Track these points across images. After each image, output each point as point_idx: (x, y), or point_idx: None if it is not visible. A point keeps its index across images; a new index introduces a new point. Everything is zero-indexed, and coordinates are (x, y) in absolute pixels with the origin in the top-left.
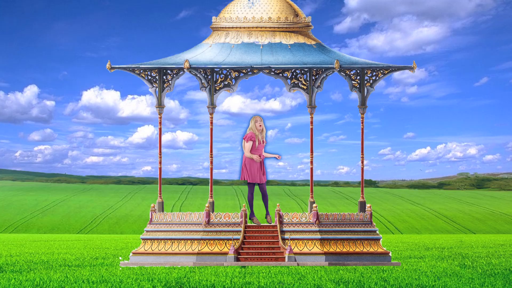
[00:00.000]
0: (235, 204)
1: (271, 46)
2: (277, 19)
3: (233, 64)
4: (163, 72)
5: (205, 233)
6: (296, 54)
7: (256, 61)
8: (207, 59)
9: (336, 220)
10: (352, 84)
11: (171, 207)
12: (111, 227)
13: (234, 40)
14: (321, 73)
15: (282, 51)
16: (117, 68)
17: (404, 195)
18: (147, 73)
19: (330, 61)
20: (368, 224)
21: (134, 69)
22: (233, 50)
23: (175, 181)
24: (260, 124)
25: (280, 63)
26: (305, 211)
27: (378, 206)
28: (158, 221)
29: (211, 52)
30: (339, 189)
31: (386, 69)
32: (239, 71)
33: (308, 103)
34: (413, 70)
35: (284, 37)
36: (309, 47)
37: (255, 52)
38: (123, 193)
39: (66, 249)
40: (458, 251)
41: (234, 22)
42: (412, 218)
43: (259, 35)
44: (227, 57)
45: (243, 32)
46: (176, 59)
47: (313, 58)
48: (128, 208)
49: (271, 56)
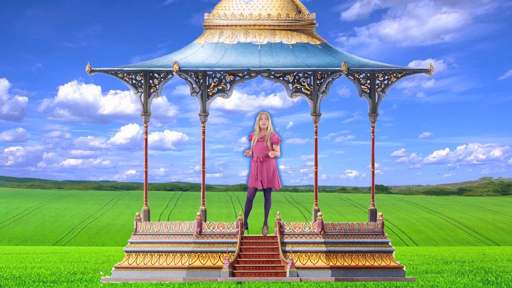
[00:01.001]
0: (230, 212)
1: (271, 46)
2: (277, 16)
3: (228, 67)
4: (149, 75)
5: (196, 245)
6: (299, 56)
7: (253, 63)
8: (198, 61)
9: (344, 230)
10: (361, 89)
11: (158, 216)
12: (91, 238)
13: (229, 39)
14: (327, 77)
15: (282, 52)
16: (97, 71)
17: (419, 202)
18: (131, 76)
19: (337, 63)
20: (380, 235)
21: (116, 72)
22: (228, 51)
23: (162, 187)
24: (264, 122)
25: (281, 66)
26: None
27: (390, 215)
28: (143, 232)
29: (203, 53)
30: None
31: (400, 72)
32: (234, 75)
33: (312, 110)
34: (430, 73)
35: (285, 36)
36: (313, 47)
37: (252, 53)
38: (104, 200)
39: (40, 263)
40: (480, 265)
41: (229, 19)
42: (428, 228)
43: (257, 34)
44: (221, 59)
45: (239, 31)
46: (164, 61)
47: (318, 60)
48: (110, 216)
49: (271, 57)
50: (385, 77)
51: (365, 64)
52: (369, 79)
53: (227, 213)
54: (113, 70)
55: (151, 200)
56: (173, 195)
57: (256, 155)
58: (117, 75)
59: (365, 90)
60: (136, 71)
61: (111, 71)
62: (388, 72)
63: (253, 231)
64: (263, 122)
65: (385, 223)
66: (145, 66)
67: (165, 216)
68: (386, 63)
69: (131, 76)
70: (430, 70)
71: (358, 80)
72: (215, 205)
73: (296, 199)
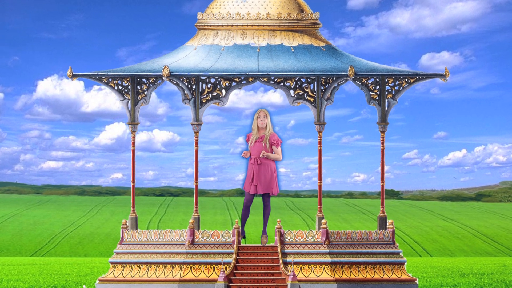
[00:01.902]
0: (226, 219)
1: (270, 48)
2: (277, 15)
3: (223, 71)
4: (136, 81)
5: (188, 256)
6: (301, 59)
7: (251, 67)
8: (191, 65)
9: (350, 239)
10: (369, 96)
11: (147, 224)
12: (72, 248)
13: (225, 41)
14: (332, 82)
15: (283, 55)
16: (80, 76)
17: (434, 208)
18: (117, 82)
19: (343, 67)
20: (390, 244)
21: (101, 78)
22: (223, 54)
23: (151, 192)
24: (262, 121)
25: (281, 70)
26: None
27: (402, 223)
28: (130, 241)
29: (196, 56)
30: (354, 201)
31: (412, 77)
32: (230, 80)
33: (315, 119)
34: (445, 78)
35: (286, 37)
36: (316, 50)
37: (250, 56)
38: (87, 206)
39: (17, 275)
40: (500, 277)
41: (224, 19)
42: (443, 237)
43: (256, 35)
44: (215, 63)
45: (236, 32)
46: (153, 65)
47: (322, 64)
48: (93, 224)
49: (270, 61)
50: (395, 83)
51: (373, 68)
52: (378, 85)
53: (222, 221)
54: (97, 75)
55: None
56: (163, 201)
57: (253, 157)
58: (102, 81)
59: (374, 96)
60: (122, 76)
61: (95, 75)
62: (399, 77)
63: (251, 240)
64: (262, 121)
65: (396, 231)
66: (132, 71)
67: (154, 224)
68: (396, 67)
69: (117, 81)
70: (445, 75)
71: (366, 85)
72: (209, 212)
73: (298, 205)
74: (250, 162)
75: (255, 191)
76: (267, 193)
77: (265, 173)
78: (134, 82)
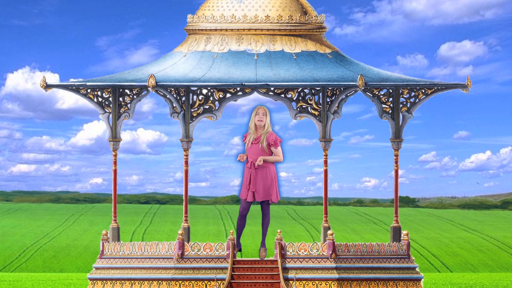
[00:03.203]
0: (219, 230)
1: (270, 55)
2: (277, 18)
3: (217, 81)
4: (119, 92)
5: (177, 271)
6: (304, 67)
7: (248, 77)
8: (180, 74)
9: (360, 252)
10: (382, 109)
11: (131, 235)
12: (46, 262)
13: (218, 47)
14: (339, 94)
15: (284, 63)
16: (54, 86)
17: (454, 218)
18: (96, 93)
19: (352, 77)
20: (405, 258)
21: (78, 88)
22: (216, 62)
23: (135, 199)
24: (260, 119)
25: (282, 80)
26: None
27: (418, 234)
28: (112, 255)
29: (186, 64)
30: (364, 209)
31: (430, 88)
32: (224, 91)
33: (320, 135)
34: (467, 89)
35: (287, 43)
36: (322, 57)
37: (247, 64)
38: (63, 215)
39: None
40: None
41: (218, 22)
42: (465, 250)
43: (253, 40)
44: (208, 71)
45: (231, 36)
46: (137, 74)
47: (328, 73)
48: (70, 236)
49: (270, 69)
50: (411, 94)
51: (386, 78)
52: (391, 97)
53: (215, 232)
54: (74, 86)
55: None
56: (148, 209)
57: (250, 160)
58: (79, 91)
59: (387, 110)
60: (102, 86)
61: (72, 86)
62: (415, 87)
63: (247, 254)
64: (260, 118)
65: (412, 243)
66: (114, 81)
67: (139, 235)
68: (412, 77)
69: (97, 92)
70: (467, 85)
71: (378, 97)
72: (200, 222)
73: (301, 214)
74: (247, 165)
75: (253, 199)
76: (266, 201)
77: (264, 178)
78: (116, 93)
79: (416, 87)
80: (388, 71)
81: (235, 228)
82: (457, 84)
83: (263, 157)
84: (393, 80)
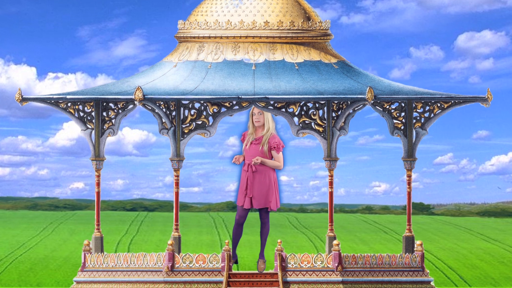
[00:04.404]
0: (214, 240)
1: (269, 65)
2: (278, 24)
3: (211, 94)
4: (102, 106)
5: (167, 285)
6: (308, 79)
7: (245, 89)
8: (170, 87)
9: (369, 265)
10: (393, 124)
11: (115, 245)
12: (22, 275)
13: (212, 56)
14: (346, 108)
15: (285, 74)
16: (31, 100)
17: (473, 226)
18: (77, 107)
19: (360, 89)
20: (419, 271)
21: (57, 102)
22: (210, 72)
23: (121, 205)
24: (257, 119)
25: (283, 93)
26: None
27: (433, 244)
28: (95, 267)
29: (177, 75)
30: (374, 217)
31: (446, 101)
32: (219, 105)
33: (325, 154)
34: (488, 103)
35: (289, 51)
36: (326, 67)
37: (244, 75)
38: (41, 223)
39: None
40: None
41: (212, 29)
42: (485, 262)
43: (251, 48)
44: (201, 83)
45: (226, 45)
46: (123, 86)
47: (334, 85)
48: (48, 246)
49: (269, 81)
50: (425, 108)
51: (398, 91)
52: (404, 111)
53: (209, 242)
54: (52, 99)
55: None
56: (135, 217)
57: (247, 163)
58: (58, 106)
59: (399, 125)
60: (84, 99)
61: (50, 99)
62: (429, 101)
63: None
64: (257, 119)
65: (426, 255)
66: (97, 93)
67: (125, 246)
68: (426, 89)
69: (78, 106)
70: (487, 98)
71: (388, 112)
72: (192, 231)
73: (303, 222)
74: (244, 169)
75: (250, 205)
76: (265, 208)
77: (262, 183)
78: (99, 107)
79: (431, 101)
80: (400, 64)
81: (231, 237)
82: (476, 97)
83: (261, 158)
84: (406, 93)
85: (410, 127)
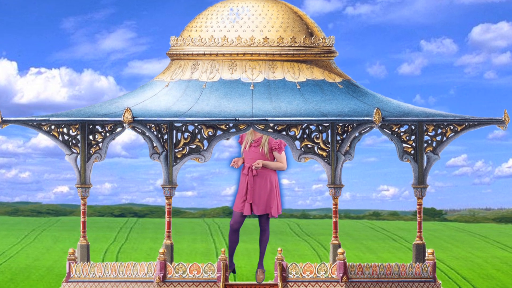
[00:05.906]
0: (209, 248)
1: (269, 85)
2: (278, 40)
3: (205, 116)
4: (88, 129)
5: None
6: (310, 99)
7: (243, 111)
8: (162, 108)
9: (377, 275)
10: (402, 149)
11: (103, 254)
12: (2, 286)
13: (207, 75)
14: (352, 131)
15: (286, 94)
16: (12, 122)
17: (489, 234)
18: (62, 130)
19: (366, 111)
20: (430, 282)
21: (40, 124)
22: (205, 92)
23: (109, 211)
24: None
25: (283, 114)
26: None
27: (445, 252)
28: (80, 277)
29: (169, 95)
30: (381, 223)
31: (460, 124)
32: (214, 127)
33: (329, 180)
34: (505, 125)
35: (290, 70)
36: (330, 86)
37: (241, 95)
38: (22, 230)
39: None
40: None
41: (207, 45)
42: (502, 272)
43: (249, 67)
44: (195, 104)
45: (222, 62)
46: (111, 108)
47: (338, 106)
48: (30, 255)
49: (269, 101)
50: (437, 131)
51: (408, 112)
52: (414, 134)
53: (203, 250)
54: (35, 121)
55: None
56: (124, 224)
57: (247, 166)
58: (41, 128)
59: (409, 150)
60: (69, 122)
61: (33, 121)
62: (442, 123)
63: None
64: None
65: (438, 264)
66: (83, 115)
67: (113, 254)
68: (437, 110)
69: (62, 129)
70: (504, 120)
71: (397, 135)
72: (186, 238)
73: (305, 229)
74: (243, 172)
75: (250, 212)
76: (265, 215)
77: (263, 188)
78: (85, 130)
79: (444, 123)
80: (410, 58)
81: (227, 245)
82: (492, 119)
83: (262, 161)
84: (416, 115)
85: (421, 152)
